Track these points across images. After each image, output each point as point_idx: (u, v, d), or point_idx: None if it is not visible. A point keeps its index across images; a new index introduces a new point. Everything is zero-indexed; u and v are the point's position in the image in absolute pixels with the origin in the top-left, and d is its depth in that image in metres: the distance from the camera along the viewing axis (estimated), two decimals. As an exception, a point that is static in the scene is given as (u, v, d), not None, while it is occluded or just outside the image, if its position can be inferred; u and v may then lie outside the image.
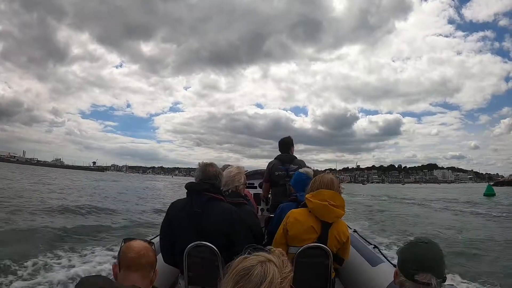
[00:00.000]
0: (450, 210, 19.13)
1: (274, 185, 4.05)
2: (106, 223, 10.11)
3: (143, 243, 1.53)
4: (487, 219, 14.93)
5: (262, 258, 0.88)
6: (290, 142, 4.15)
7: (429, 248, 1.34)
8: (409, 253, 1.36)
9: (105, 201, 16.98)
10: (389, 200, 28.74)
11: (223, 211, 2.21)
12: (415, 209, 19.63)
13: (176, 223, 2.22)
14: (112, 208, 13.62)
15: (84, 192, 21.14)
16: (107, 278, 1.34)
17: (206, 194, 2.20)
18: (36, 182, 27.23)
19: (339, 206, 2.21)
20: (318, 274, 2.22)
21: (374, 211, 17.61)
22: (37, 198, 14.92)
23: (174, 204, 2.32)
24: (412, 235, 9.11)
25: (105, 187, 28.88)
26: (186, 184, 2.28)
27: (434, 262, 1.31)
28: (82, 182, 34.23)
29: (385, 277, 2.48)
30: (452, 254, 7.08)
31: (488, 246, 8.52)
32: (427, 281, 1.27)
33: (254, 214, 2.76)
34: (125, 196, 21.02)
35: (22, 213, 10.31)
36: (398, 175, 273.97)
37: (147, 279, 1.49)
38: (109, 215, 11.84)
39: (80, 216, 11.01)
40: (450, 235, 10.16)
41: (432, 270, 1.29)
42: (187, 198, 2.26)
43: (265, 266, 0.86)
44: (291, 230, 2.23)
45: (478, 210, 18.74)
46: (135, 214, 12.56)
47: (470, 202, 24.01)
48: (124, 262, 1.47)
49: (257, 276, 0.83)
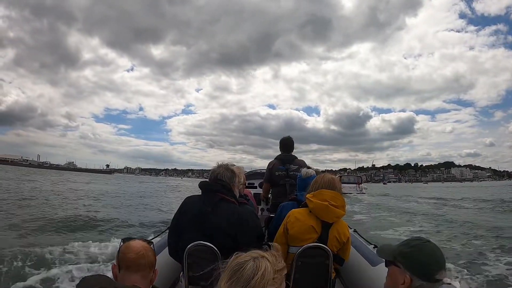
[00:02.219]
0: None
1: (274, 185, 4.07)
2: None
3: (142, 243, 1.53)
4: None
5: (255, 254, 0.94)
6: (291, 142, 4.16)
7: (433, 246, 1.35)
8: (425, 255, 1.32)
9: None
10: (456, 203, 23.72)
11: (232, 213, 2.19)
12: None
13: (185, 219, 2.24)
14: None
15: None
16: (108, 277, 1.34)
17: (218, 195, 2.22)
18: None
19: (340, 206, 2.22)
20: (318, 274, 2.22)
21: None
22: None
23: (188, 199, 2.35)
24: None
25: (88, 190, 26.32)
26: (200, 183, 2.32)
27: (443, 258, 1.33)
28: (66, 185, 30.33)
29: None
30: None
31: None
32: (444, 278, 1.29)
33: (255, 214, 2.57)
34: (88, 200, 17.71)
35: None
36: (415, 173, 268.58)
37: (147, 279, 1.49)
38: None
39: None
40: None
41: (444, 266, 1.31)
42: (201, 195, 2.29)
43: (258, 261, 0.91)
44: (291, 229, 2.25)
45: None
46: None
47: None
48: (124, 262, 1.47)
49: (249, 270, 0.88)
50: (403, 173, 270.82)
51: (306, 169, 2.99)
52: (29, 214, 10.59)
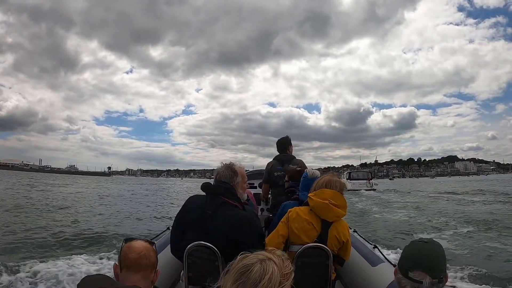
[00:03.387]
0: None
1: (274, 185, 4.06)
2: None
3: (144, 243, 1.52)
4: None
5: (262, 256, 0.90)
6: (288, 142, 4.15)
7: (426, 247, 1.34)
8: (407, 250, 1.38)
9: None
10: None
11: (233, 217, 2.18)
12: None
13: (188, 219, 2.24)
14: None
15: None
16: (108, 277, 1.33)
17: (220, 198, 2.21)
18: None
19: (340, 206, 2.25)
20: (319, 275, 2.22)
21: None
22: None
23: (192, 199, 2.35)
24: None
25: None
26: (202, 185, 2.30)
27: (428, 261, 1.30)
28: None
29: (385, 277, 2.43)
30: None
31: None
32: (419, 279, 1.28)
33: (255, 215, 2.57)
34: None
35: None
36: (419, 168, 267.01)
37: (148, 279, 1.49)
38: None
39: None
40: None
41: (425, 269, 1.28)
42: (204, 196, 2.28)
43: (265, 264, 0.87)
44: (292, 223, 2.29)
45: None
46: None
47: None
48: (125, 262, 1.47)
49: (256, 273, 0.85)
50: (407, 168, 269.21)
51: (311, 169, 3.00)
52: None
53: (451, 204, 18.71)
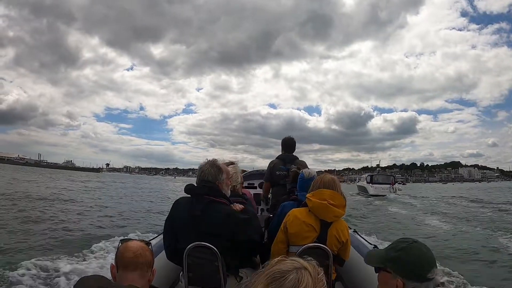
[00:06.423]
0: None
1: (275, 184, 4.09)
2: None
3: (139, 243, 1.55)
4: None
5: (298, 264, 0.85)
6: (293, 143, 4.18)
7: (420, 245, 1.33)
8: (413, 257, 1.30)
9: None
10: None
11: (222, 214, 2.16)
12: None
13: (178, 223, 2.22)
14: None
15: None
16: (105, 278, 1.33)
17: (206, 198, 2.18)
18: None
19: (339, 205, 2.25)
20: None
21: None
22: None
23: (178, 202, 2.31)
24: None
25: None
26: (186, 187, 2.25)
27: (432, 254, 1.32)
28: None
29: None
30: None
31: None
32: (435, 274, 1.28)
33: (254, 214, 2.58)
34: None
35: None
36: (422, 173, 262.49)
37: (145, 278, 1.50)
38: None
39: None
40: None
41: (435, 263, 1.31)
42: (190, 198, 2.24)
43: (300, 273, 0.83)
44: (290, 228, 2.29)
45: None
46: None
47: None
48: (122, 262, 1.49)
49: (290, 282, 0.80)
50: (409, 173, 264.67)
51: (308, 169, 2.99)
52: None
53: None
